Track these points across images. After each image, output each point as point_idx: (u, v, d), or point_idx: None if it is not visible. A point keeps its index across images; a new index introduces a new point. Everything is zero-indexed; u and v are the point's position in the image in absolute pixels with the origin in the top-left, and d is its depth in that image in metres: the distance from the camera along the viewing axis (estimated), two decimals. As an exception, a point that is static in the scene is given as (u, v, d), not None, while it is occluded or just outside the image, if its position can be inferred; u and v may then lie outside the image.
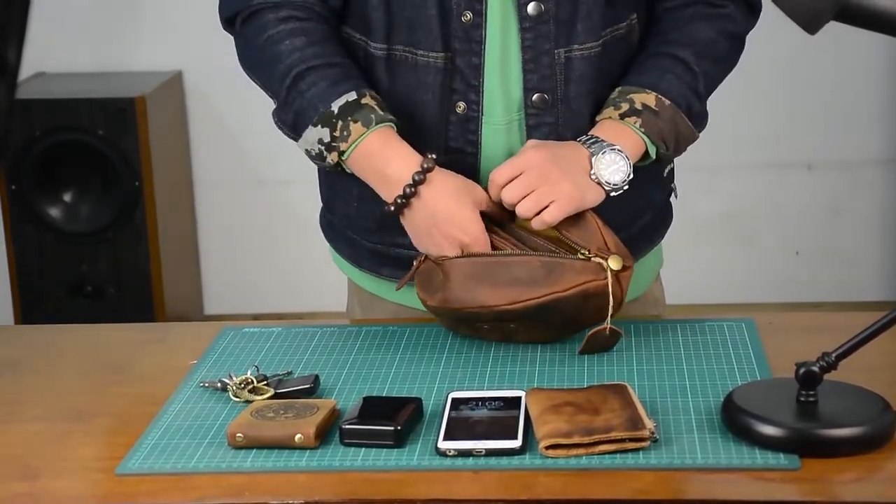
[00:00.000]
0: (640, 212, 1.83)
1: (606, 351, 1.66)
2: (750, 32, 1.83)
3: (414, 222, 1.70)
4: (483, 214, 1.69)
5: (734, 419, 1.43)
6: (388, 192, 1.70)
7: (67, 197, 4.01)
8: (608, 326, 1.63)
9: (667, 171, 1.88)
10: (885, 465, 1.38)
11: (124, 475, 1.41)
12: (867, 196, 4.30)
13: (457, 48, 1.72)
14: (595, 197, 1.67)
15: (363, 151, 1.69)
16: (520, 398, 1.50)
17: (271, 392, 1.56)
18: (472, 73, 1.73)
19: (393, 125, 1.71)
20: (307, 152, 1.74)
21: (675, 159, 1.88)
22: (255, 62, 1.77)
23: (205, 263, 4.44)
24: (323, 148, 1.71)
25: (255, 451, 1.44)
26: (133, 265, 3.99)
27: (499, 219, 1.71)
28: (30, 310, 4.03)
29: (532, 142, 1.72)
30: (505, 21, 1.72)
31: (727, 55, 1.80)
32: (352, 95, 1.70)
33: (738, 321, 1.75)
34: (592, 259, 1.63)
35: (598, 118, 1.75)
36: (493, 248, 1.67)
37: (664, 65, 1.75)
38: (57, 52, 4.22)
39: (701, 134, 1.79)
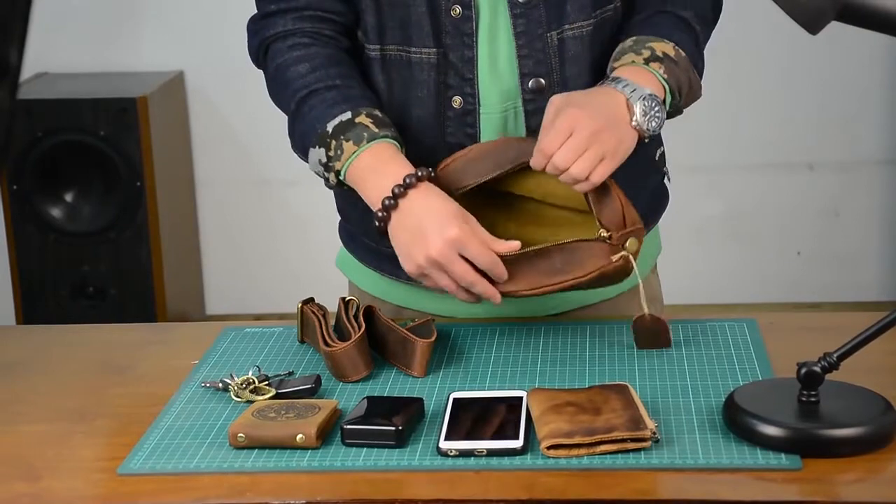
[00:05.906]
0: (632, 196, 1.83)
1: (665, 347, 1.67)
2: (754, 39, 1.84)
3: (396, 236, 1.67)
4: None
5: (736, 419, 1.43)
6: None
7: (69, 197, 4.01)
8: (647, 313, 1.67)
9: (657, 154, 1.88)
10: (886, 465, 1.38)
11: (126, 475, 1.41)
12: (867, 196, 4.30)
13: (448, 43, 1.74)
14: (633, 143, 1.68)
15: (356, 169, 1.69)
16: (521, 398, 1.50)
17: (273, 392, 1.56)
18: (465, 67, 1.74)
19: (392, 141, 1.70)
20: (317, 175, 1.75)
21: (673, 157, 1.93)
22: (273, 92, 1.82)
23: (206, 263, 4.44)
24: (322, 168, 1.72)
25: (256, 451, 1.44)
26: (134, 265, 3.99)
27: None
28: (31, 310, 4.03)
29: (561, 98, 1.67)
30: (493, 11, 1.74)
31: (713, 18, 1.85)
32: (346, 115, 1.70)
33: (740, 321, 1.75)
34: (612, 243, 1.64)
35: (616, 64, 1.73)
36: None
37: (671, 22, 1.78)
38: (59, 52, 4.22)
39: (701, 134, 1.80)
